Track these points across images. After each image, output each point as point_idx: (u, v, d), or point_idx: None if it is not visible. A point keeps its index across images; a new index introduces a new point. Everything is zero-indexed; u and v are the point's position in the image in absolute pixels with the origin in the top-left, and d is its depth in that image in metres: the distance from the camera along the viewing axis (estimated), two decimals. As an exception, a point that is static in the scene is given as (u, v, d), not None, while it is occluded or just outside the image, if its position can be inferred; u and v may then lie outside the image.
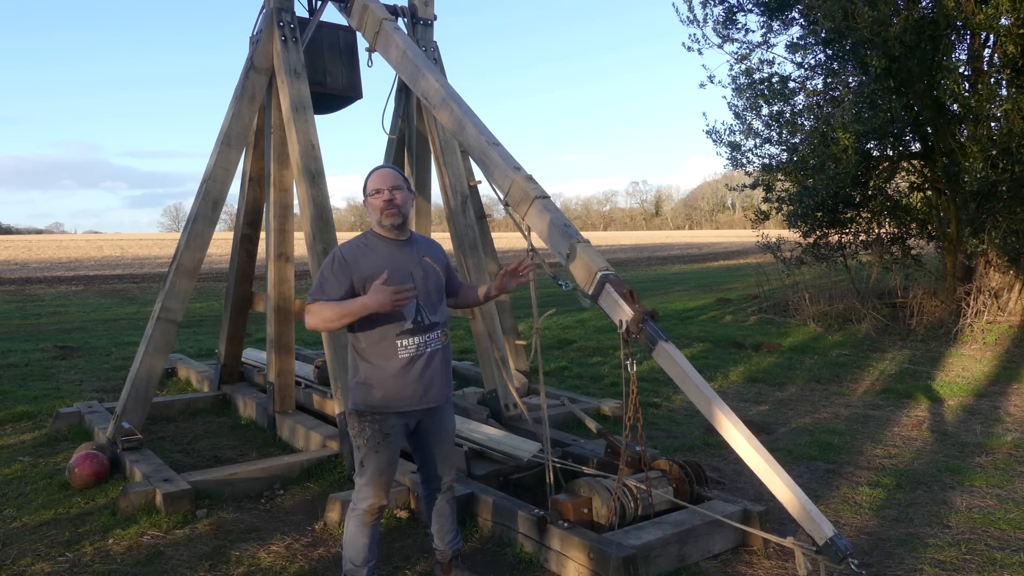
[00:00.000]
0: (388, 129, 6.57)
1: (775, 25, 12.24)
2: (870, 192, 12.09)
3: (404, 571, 3.68)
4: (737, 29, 12.42)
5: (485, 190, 6.26)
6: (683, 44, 12.68)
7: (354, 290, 3.11)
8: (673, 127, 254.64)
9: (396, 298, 2.95)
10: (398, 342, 3.13)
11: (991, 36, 10.26)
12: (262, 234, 6.59)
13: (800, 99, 12.04)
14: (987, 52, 10.64)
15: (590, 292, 3.67)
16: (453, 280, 3.50)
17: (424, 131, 6.47)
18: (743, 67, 12.25)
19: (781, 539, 3.34)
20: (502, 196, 4.14)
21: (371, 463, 3.16)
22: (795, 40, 11.92)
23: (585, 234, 4.17)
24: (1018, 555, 3.79)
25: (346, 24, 6.10)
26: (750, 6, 12.29)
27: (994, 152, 9.37)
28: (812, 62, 12.19)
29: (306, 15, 6.23)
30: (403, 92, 6.57)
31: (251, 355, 7.80)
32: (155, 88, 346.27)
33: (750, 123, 12.48)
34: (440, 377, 3.27)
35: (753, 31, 12.67)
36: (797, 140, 11.78)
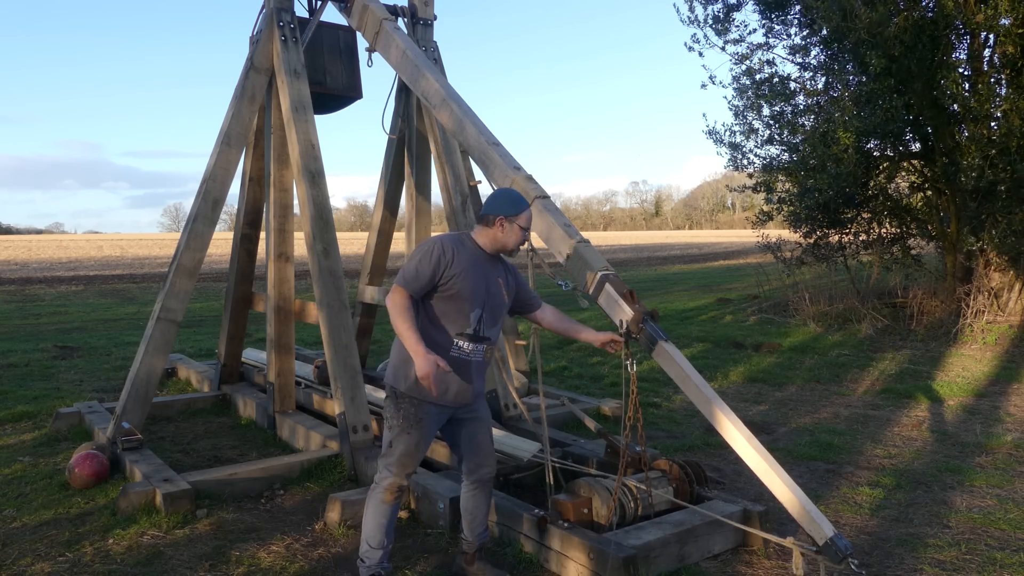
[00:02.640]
0: (388, 129, 6.58)
1: (775, 26, 12.26)
2: (870, 192, 12.09)
3: (404, 571, 3.68)
4: (736, 28, 12.44)
5: (485, 190, 6.26)
6: (685, 45, 12.70)
7: (440, 279, 3.22)
8: (674, 127, 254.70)
9: (431, 379, 3.06)
10: (455, 341, 3.28)
11: (991, 36, 10.27)
12: (262, 234, 6.59)
13: (800, 99, 12.05)
14: (987, 52, 10.65)
15: (590, 292, 3.67)
16: (526, 298, 3.59)
17: (424, 131, 6.47)
18: (744, 67, 12.27)
19: (781, 539, 3.34)
20: (502, 196, 4.13)
21: (401, 444, 3.28)
22: (795, 42, 11.94)
23: (585, 234, 4.18)
24: (1018, 555, 3.79)
25: (346, 24, 6.11)
26: (749, 4, 12.31)
27: (993, 152, 9.38)
28: (813, 62, 12.21)
29: (306, 15, 6.23)
30: (403, 92, 6.57)
31: (251, 355, 7.80)
32: (157, 88, 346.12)
33: (751, 123, 12.50)
34: (475, 383, 3.41)
35: (754, 31, 12.68)
36: (797, 140, 11.79)
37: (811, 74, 12.29)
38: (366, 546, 3.36)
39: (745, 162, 12.80)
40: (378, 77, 71.68)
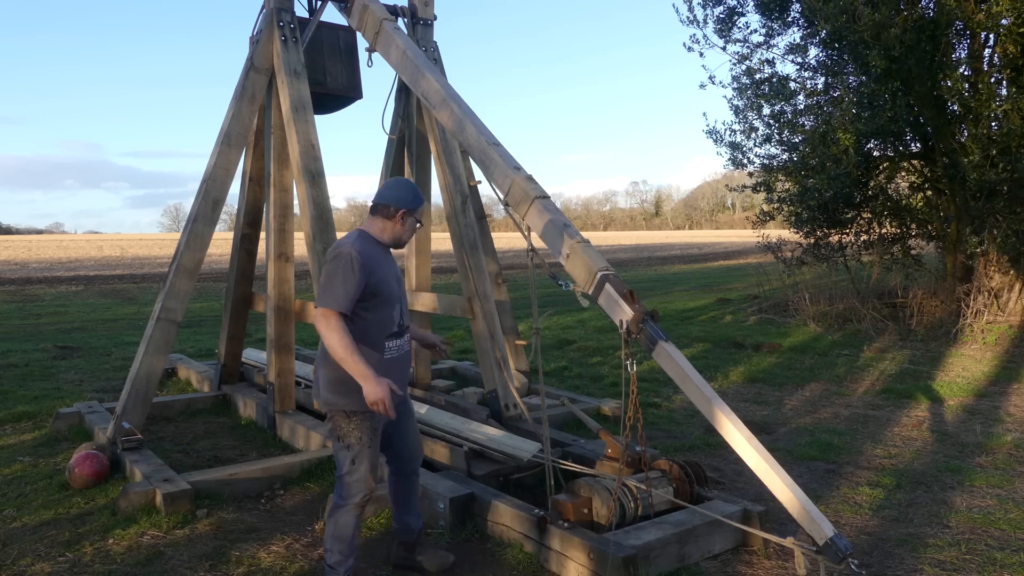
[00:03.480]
0: (388, 129, 6.57)
1: (776, 26, 12.25)
2: (870, 192, 12.09)
3: (404, 571, 3.67)
4: (738, 29, 12.43)
5: (485, 190, 6.26)
6: (684, 45, 12.70)
7: (366, 288, 3.20)
8: (675, 127, 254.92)
9: (385, 406, 3.08)
10: (387, 343, 3.32)
11: (991, 36, 10.26)
12: (262, 234, 6.59)
13: (801, 99, 12.05)
14: (987, 52, 10.65)
15: (590, 292, 3.67)
16: None
17: (424, 131, 6.47)
18: (744, 67, 12.27)
19: (781, 539, 3.34)
20: (502, 196, 4.14)
21: (366, 459, 3.29)
22: (796, 43, 11.94)
23: (585, 234, 4.18)
24: (1018, 555, 3.79)
25: (346, 24, 6.10)
26: (750, 7, 12.31)
27: (994, 152, 9.38)
28: (813, 62, 12.21)
29: (306, 15, 6.23)
30: (403, 92, 6.57)
31: (251, 355, 7.80)
32: (157, 88, 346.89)
33: (751, 123, 12.50)
34: (407, 373, 3.54)
35: (756, 31, 12.67)
36: (797, 140, 11.79)
37: (811, 74, 12.30)
38: (337, 556, 3.33)
39: (745, 161, 12.80)
40: (378, 77, 71.71)
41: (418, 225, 3.44)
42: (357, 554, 3.43)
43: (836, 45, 11.01)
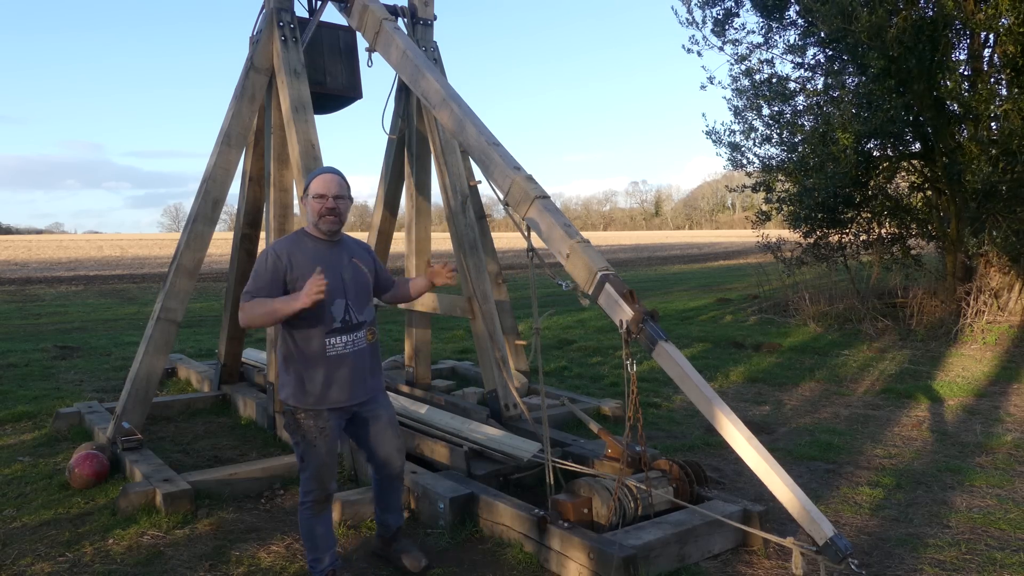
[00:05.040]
0: (388, 129, 6.57)
1: (774, 26, 12.25)
2: (870, 192, 12.10)
3: (403, 571, 3.68)
4: (736, 30, 12.44)
5: (485, 190, 6.26)
6: (683, 47, 12.70)
7: (287, 287, 3.24)
8: (675, 127, 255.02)
9: (316, 291, 3.03)
10: (327, 340, 3.28)
11: (991, 36, 10.26)
12: (262, 234, 6.59)
13: (800, 99, 12.05)
14: (987, 52, 10.65)
15: (590, 292, 3.67)
16: (384, 278, 3.68)
17: (424, 131, 6.47)
18: (743, 68, 12.27)
19: (781, 539, 3.34)
20: (502, 196, 4.14)
21: (312, 457, 3.32)
22: (793, 43, 11.94)
23: (585, 234, 4.18)
24: (1018, 555, 3.79)
25: (346, 24, 6.10)
26: (747, 6, 12.31)
27: (994, 152, 9.38)
28: (812, 62, 12.21)
29: (306, 15, 6.23)
30: (403, 92, 6.57)
31: (251, 355, 7.80)
32: (158, 88, 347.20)
33: (750, 123, 12.50)
34: (368, 373, 3.43)
35: (753, 31, 12.68)
36: (797, 140, 11.79)
37: (810, 74, 12.31)
38: (312, 555, 3.42)
39: (744, 161, 12.80)
40: (378, 77, 71.72)
41: (323, 199, 3.29)
42: (335, 552, 3.47)
43: (835, 45, 11.01)
